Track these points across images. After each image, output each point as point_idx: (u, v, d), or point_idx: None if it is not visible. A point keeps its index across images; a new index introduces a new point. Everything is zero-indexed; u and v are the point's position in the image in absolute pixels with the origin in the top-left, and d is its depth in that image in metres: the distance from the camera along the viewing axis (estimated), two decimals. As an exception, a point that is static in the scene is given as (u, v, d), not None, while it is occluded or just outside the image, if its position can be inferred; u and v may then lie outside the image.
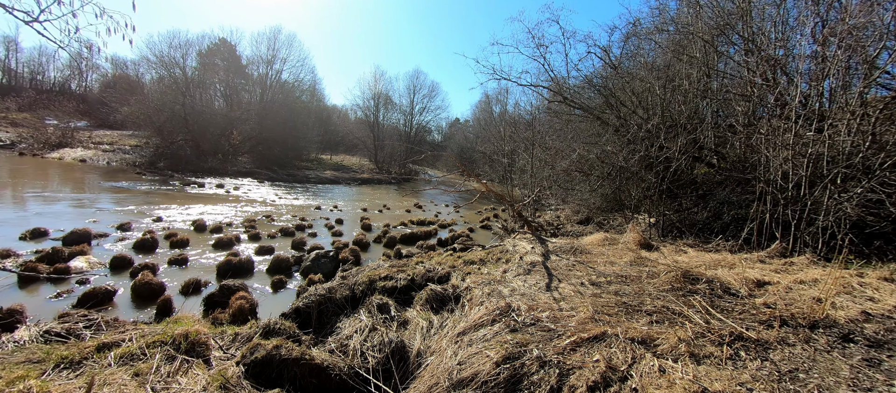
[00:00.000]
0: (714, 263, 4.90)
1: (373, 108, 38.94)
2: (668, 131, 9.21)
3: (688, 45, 10.67)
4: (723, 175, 8.70)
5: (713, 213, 7.71)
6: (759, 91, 7.20)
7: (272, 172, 28.04)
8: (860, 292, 3.68)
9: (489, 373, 2.48)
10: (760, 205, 6.19)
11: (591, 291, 3.81)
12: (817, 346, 2.63)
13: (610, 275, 4.36)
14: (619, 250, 5.85)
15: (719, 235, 6.87)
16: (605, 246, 6.37)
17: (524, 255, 6.03)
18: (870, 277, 4.22)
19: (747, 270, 4.60)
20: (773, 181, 5.92)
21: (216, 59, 36.93)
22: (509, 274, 4.91)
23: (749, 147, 7.42)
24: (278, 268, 6.84)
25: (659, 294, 3.55)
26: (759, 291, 3.75)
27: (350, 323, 4.30)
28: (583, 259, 5.48)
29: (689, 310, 3.14)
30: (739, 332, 2.76)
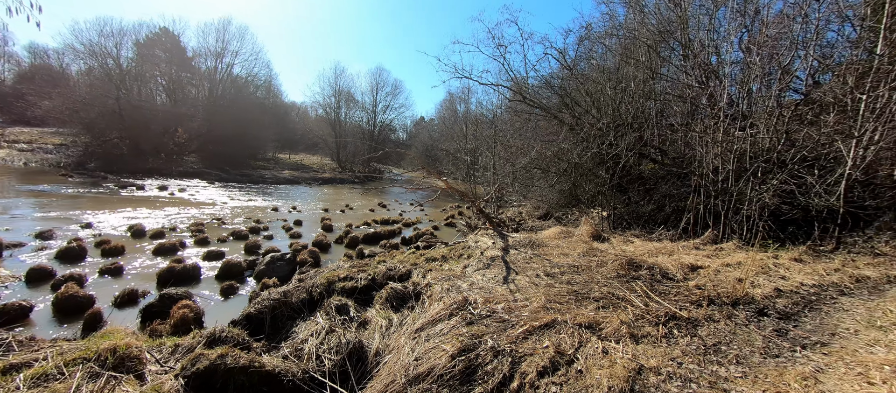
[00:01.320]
0: (656, 250, 5.31)
1: (334, 106, 37.77)
2: (617, 130, 9.80)
3: (634, 50, 11.43)
4: (665, 170, 9.43)
5: (657, 205, 8.33)
6: (694, 93, 7.88)
7: (224, 173, 26.27)
8: (774, 272, 4.15)
9: (445, 366, 2.51)
10: (696, 197, 6.79)
11: (546, 281, 3.97)
12: (737, 320, 2.93)
13: (563, 266, 4.57)
14: (574, 242, 6.15)
15: (662, 226, 7.44)
16: (560, 239, 6.66)
17: (485, 250, 6.15)
18: (783, 258, 4.78)
19: (683, 256, 5.03)
20: (705, 175, 6.51)
21: (157, 50, 33.84)
22: (469, 269, 4.98)
23: (686, 144, 8.11)
24: (229, 273, 6.43)
25: (606, 281, 3.77)
26: (693, 274, 4.12)
27: (306, 326, 4.15)
28: (539, 252, 5.69)
29: (631, 294, 3.37)
30: (674, 312, 3.01)
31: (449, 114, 32.88)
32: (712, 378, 2.20)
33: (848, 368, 2.19)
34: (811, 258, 4.80)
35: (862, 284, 3.82)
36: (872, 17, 7.44)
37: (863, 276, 3.99)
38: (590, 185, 10.59)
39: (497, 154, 14.05)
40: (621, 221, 9.19)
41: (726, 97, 7.22)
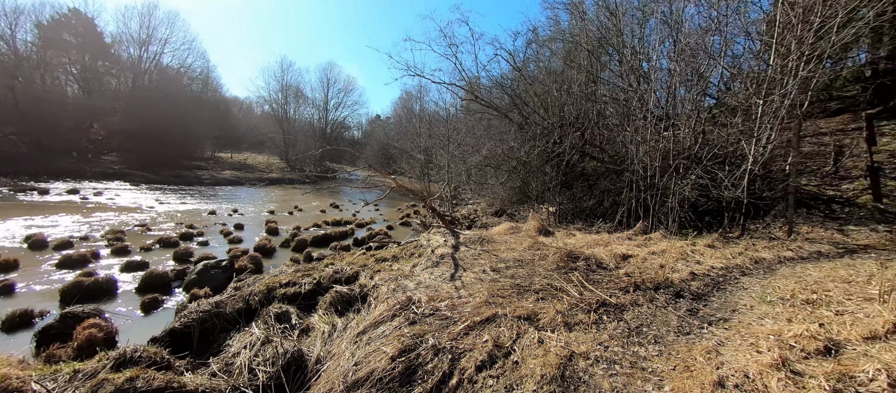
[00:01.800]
0: (594, 242, 5.67)
1: (281, 102, 35.58)
2: (562, 129, 10.34)
3: (576, 55, 12.14)
4: (605, 167, 10.14)
5: (597, 200, 8.93)
6: (627, 96, 8.53)
7: (152, 174, 23.62)
8: (691, 257, 4.63)
9: (385, 369, 2.45)
10: (629, 192, 7.37)
11: (491, 276, 4.06)
12: (658, 303, 3.21)
13: (509, 260, 4.71)
14: (521, 237, 6.37)
15: (601, 219, 7.98)
16: (509, 234, 6.87)
17: (436, 248, 6.15)
18: (699, 245, 5.35)
19: (617, 246, 5.42)
20: (636, 171, 7.09)
21: (65, 34, 29.46)
22: (418, 268, 4.95)
23: (621, 143, 8.77)
24: (152, 285, 5.77)
25: (547, 273, 3.94)
26: (624, 263, 4.45)
27: (241, 338, 3.86)
28: (488, 248, 5.82)
29: (568, 285, 3.56)
30: (604, 299, 3.23)
31: (405, 112, 32.55)
32: (633, 358, 2.38)
33: (743, 340, 2.49)
34: (721, 244, 5.42)
35: (759, 265, 4.39)
36: (767, 32, 8.59)
37: (760, 257, 4.59)
38: (538, 183, 11.07)
39: (450, 153, 14.16)
40: (567, 216, 9.73)
41: (654, 100, 7.92)
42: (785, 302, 3.07)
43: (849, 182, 8.09)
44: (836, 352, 2.19)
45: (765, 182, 7.59)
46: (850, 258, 4.44)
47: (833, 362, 2.05)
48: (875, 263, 4.14)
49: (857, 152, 9.47)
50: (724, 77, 10.01)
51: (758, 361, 2.12)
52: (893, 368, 1.94)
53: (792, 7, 5.87)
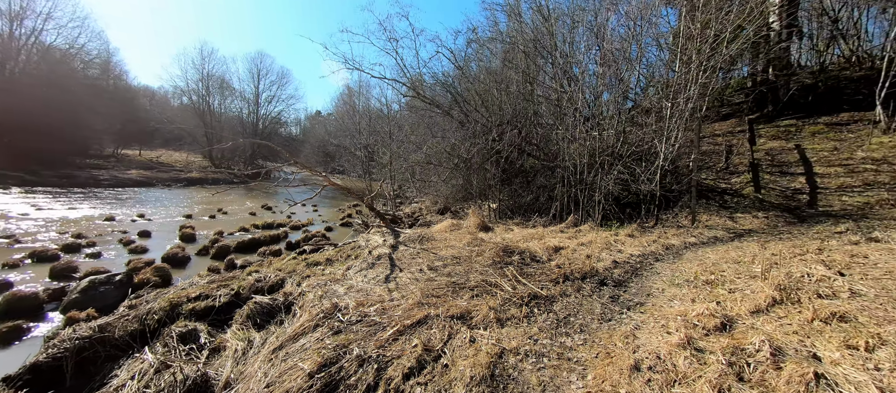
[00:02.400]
0: (530, 236, 5.85)
1: (203, 93, 31.74)
2: (501, 127, 10.62)
3: (514, 56, 12.57)
4: (541, 164, 10.64)
5: (534, 196, 9.32)
6: (558, 97, 9.01)
7: (30, 174, 19.56)
8: (614, 247, 4.97)
9: (301, 388, 2.18)
10: (562, 187, 7.78)
11: (427, 275, 3.93)
12: (584, 292, 3.35)
13: (447, 258, 4.63)
14: (461, 234, 6.35)
15: (537, 214, 8.33)
16: (450, 232, 6.82)
17: (374, 249, 5.87)
18: (621, 235, 5.79)
19: (550, 239, 5.65)
20: (567, 168, 7.50)
21: None
22: (352, 271, 4.65)
23: (554, 141, 9.25)
24: (14, 311, 4.65)
25: (483, 269, 3.92)
26: (556, 255, 4.62)
27: (130, 366, 3.26)
28: (428, 246, 5.70)
29: (502, 280, 3.56)
30: (536, 292, 3.27)
31: (347, 109, 31.11)
32: (560, 349, 2.41)
33: (655, 322, 2.67)
34: (639, 233, 5.93)
35: (669, 251, 4.85)
36: (674, 43, 9.69)
37: (670, 244, 5.09)
38: (480, 180, 11.25)
39: (392, 151, 13.83)
40: (507, 212, 10.01)
41: (582, 101, 8.47)
42: (690, 284, 3.38)
43: (737, 176, 9.46)
44: (730, 327, 2.43)
45: (673, 177, 8.54)
46: (739, 242, 5.12)
47: (727, 337, 2.26)
48: (757, 244, 4.83)
49: (742, 151, 11.13)
50: (641, 82, 11.10)
51: (667, 342, 2.26)
52: (774, 337, 2.19)
53: (693, 20, 6.62)
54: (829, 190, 7.66)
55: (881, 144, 9.15)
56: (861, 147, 9.38)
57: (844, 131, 10.64)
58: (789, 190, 8.09)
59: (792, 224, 6.35)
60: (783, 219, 6.65)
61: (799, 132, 11.54)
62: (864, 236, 4.40)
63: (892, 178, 7.45)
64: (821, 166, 8.92)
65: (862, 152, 9.08)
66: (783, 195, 7.87)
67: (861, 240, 4.33)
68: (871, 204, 6.58)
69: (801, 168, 9.05)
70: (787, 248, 4.45)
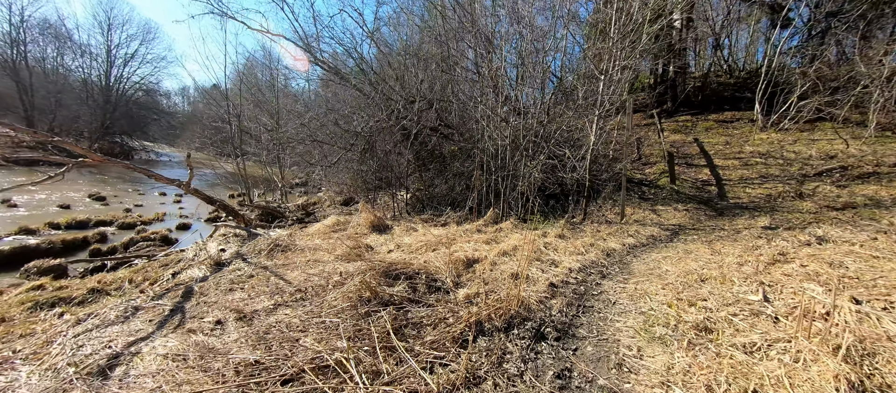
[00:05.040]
0: (436, 241, 4.22)
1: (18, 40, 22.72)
2: (418, 105, 8.84)
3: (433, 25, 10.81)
4: (459, 148, 9.20)
5: (450, 185, 7.82)
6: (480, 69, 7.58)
7: None
8: (546, 256, 3.62)
9: None
10: (480, 173, 6.36)
11: (217, 342, 1.96)
12: (512, 364, 1.78)
13: (289, 290, 2.70)
14: (341, 239, 4.44)
15: (450, 207, 6.82)
16: (328, 235, 4.85)
17: (191, 266, 3.61)
18: (550, 235, 4.54)
19: (463, 244, 4.11)
20: (487, 150, 6.09)
21: None
22: (91, 321, 2.41)
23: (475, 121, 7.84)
24: None
25: (333, 322, 2.11)
26: (467, 274, 3.04)
27: None
28: (281, 260, 3.66)
29: (360, 350, 1.80)
30: (414, 389, 1.58)
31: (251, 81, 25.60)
32: None
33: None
34: (570, 233, 4.78)
35: (612, 259, 3.68)
36: (588, 37, 9.08)
37: (610, 249, 3.95)
38: (396, 165, 9.37)
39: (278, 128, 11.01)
40: (421, 203, 8.36)
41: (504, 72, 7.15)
42: (673, 332, 2.08)
43: (650, 167, 9.31)
44: None
45: (596, 166, 7.85)
46: (682, 243, 4.22)
47: None
48: (704, 245, 3.99)
49: (651, 143, 11.30)
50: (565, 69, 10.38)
51: None
52: None
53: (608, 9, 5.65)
54: (733, 181, 7.71)
55: (762, 140, 9.84)
56: (747, 142, 10.01)
57: (730, 128, 11.46)
58: (699, 181, 8.02)
59: (713, 217, 5.95)
60: (703, 211, 6.27)
61: (694, 127, 12.21)
62: (812, 236, 3.82)
63: (781, 171, 7.77)
64: (719, 159, 9.18)
65: (749, 147, 9.64)
66: (695, 187, 7.72)
67: (812, 240, 3.71)
68: (774, 196, 6.60)
69: (704, 160, 9.23)
70: (739, 252, 3.60)
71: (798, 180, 7.07)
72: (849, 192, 6.19)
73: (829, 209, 5.58)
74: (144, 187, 15.50)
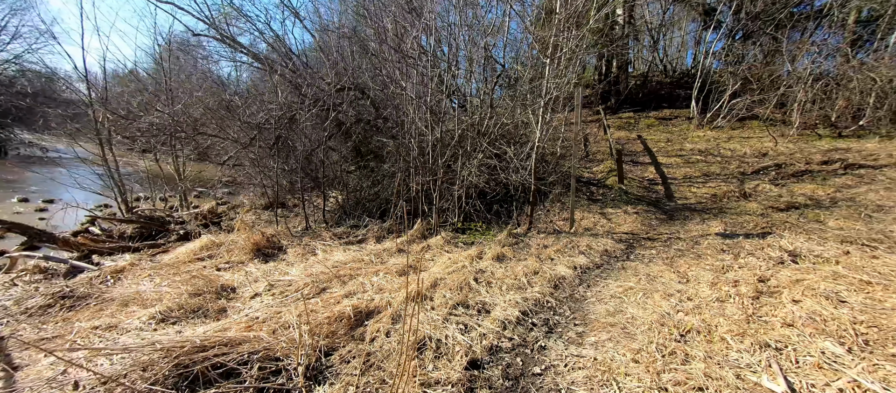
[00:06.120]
0: (331, 274, 3.04)
1: None
2: (350, 94, 7.46)
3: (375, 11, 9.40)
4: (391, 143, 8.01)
5: (377, 190, 6.62)
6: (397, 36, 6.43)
7: None
8: (476, 293, 2.61)
9: None
10: (408, 176, 5.26)
11: None
12: None
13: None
14: (197, 275, 3.07)
15: (379, 216, 5.65)
16: (188, 263, 3.45)
17: None
18: (487, 257, 3.57)
19: (369, 277, 2.99)
20: (422, 148, 5.00)
21: None
22: None
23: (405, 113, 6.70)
24: None
25: None
26: (346, 347, 1.92)
27: None
28: (51, 329, 2.26)
29: None
30: None
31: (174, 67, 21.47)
32: None
33: None
34: (512, 249, 3.87)
35: (561, 292, 2.79)
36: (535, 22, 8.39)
37: (559, 276, 3.06)
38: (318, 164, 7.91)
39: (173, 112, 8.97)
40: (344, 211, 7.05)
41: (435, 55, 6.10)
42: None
43: (597, 165, 8.89)
44: None
45: (543, 165, 7.15)
46: (643, 264, 3.47)
47: None
48: (665, 266, 3.28)
49: (597, 140, 11.03)
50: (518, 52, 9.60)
51: None
52: None
53: None
54: (678, 180, 7.45)
55: (700, 138, 9.91)
56: (686, 139, 10.04)
57: (670, 125, 11.57)
58: (646, 180, 7.67)
59: (664, 222, 5.45)
60: (653, 215, 5.78)
61: (637, 124, 12.21)
62: (782, 251, 3.27)
63: (721, 169, 7.66)
64: (662, 157, 9.01)
65: (689, 144, 9.64)
66: (643, 186, 7.34)
67: (784, 257, 3.14)
68: (719, 196, 6.34)
69: (648, 158, 9.00)
70: (709, 277, 2.90)
71: (739, 179, 6.92)
72: (788, 191, 6.06)
73: (774, 210, 5.31)
74: (30, 185, 12.17)
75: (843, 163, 6.66)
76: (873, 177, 5.88)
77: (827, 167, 6.66)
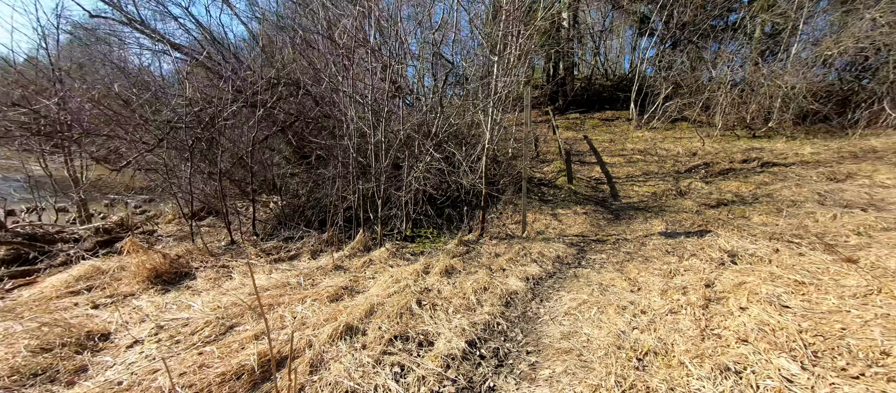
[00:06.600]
0: (245, 304, 2.52)
1: None
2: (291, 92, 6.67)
3: None
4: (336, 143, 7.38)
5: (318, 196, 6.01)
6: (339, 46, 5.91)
7: None
8: (417, 323, 2.27)
9: None
10: (347, 182, 4.77)
11: None
12: None
13: None
14: (48, 319, 2.37)
15: (310, 227, 5.07)
16: (58, 298, 2.69)
17: None
18: (434, 271, 3.25)
19: (293, 307, 2.51)
20: (364, 150, 4.52)
21: None
22: None
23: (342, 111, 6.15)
24: None
25: None
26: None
27: None
28: None
29: None
30: None
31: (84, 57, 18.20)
32: None
33: None
34: (461, 261, 3.58)
35: (514, 312, 2.55)
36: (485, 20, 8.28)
37: (511, 292, 2.82)
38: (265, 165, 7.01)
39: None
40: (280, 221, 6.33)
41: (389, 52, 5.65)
42: None
43: (547, 165, 9.00)
44: None
45: (495, 166, 7.01)
46: (595, 271, 3.36)
47: None
48: (616, 273, 3.19)
49: (547, 140, 11.24)
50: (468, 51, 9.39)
51: None
52: None
53: None
54: (621, 179, 7.74)
55: (639, 138, 10.48)
56: (627, 140, 10.57)
57: (613, 126, 12.16)
58: (592, 180, 7.87)
59: (611, 222, 5.54)
60: (601, 215, 5.87)
61: (583, 125, 12.68)
62: (722, 252, 3.35)
63: (658, 168, 8.10)
64: (606, 156, 9.37)
65: (630, 144, 10.14)
66: (590, 186, 7.51)
67: (724, 258, 3.20)
68: (658, 194, 6.64)
69: (594, 158, 9.31)
70: (660, 285, 2.84)
71: (674, 177, 7.33)
72: (716, 188, 6.50)
73: (707, 207, 5.63)
74: None
75: (759, 161, 7.33)
76: (785, 174, 6.50)
77: (747, 165, 7.28)
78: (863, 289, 2.27)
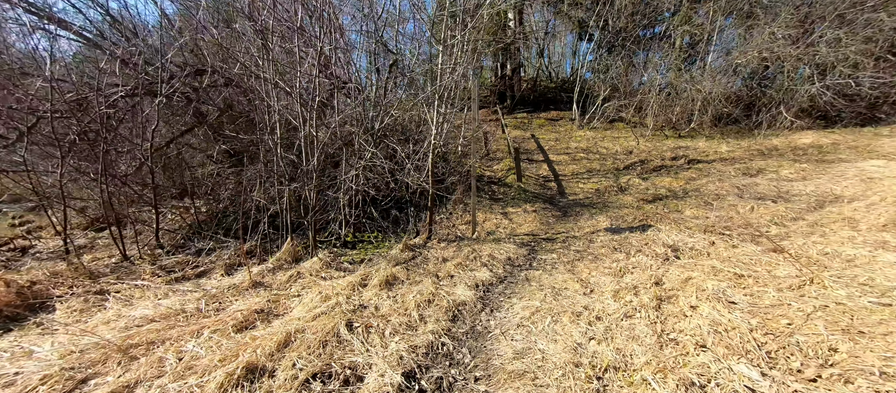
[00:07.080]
0: (123, 339, 1.91)
1: None
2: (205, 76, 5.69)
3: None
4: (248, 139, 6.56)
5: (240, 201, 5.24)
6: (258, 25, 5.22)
7: None
8: (345, 353, 1.86)
9: None
10: (270, 184, 4.15)
11: None
12: None
13: None
14: None
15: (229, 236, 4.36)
16: None
17: None
18: (372, 283, 2.84)
19: (183, 343, 1.95)
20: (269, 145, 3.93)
21: None
22: None
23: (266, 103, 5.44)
24: None
25: None
26: None
27: None
28: None
29: None
30: None
31: None
32: None
33: None
34: (405, 269, 3.21)
35: (461, 329, 2.24)
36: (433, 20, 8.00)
37: (459, 303, 2.52)
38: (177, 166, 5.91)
39: None
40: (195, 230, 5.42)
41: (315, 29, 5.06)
42: None
43: (497, 163, 8.95)
44: None
45: (444, 164, 6.74)
46: (546, 273, 3.19)
47: None
48: (568, 274, 3.05)
49: (496, 139, 11.26)
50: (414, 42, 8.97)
51: None
52: None
53: None
54: (567, 177, 7.91)
55: (581, 137, 10.91)
56: (571, 139, 10.94)
57: (557, 126, 12.56)
58: (540, 178, 7.95)
59: (559, 219, 5.54)
60: (549, 212, 5.86)
61: (530, 124, 12.96)
62: (665, 247, 3.37)
63: (600, 165, 8.43)
64: (553, 155, 9.57)
65: (574, 143, 10.50)
66: (538, 183, 7.56)
67: (668, 253, 3.21)
68: (602, 190, 6.85)
69: (541, 156, 9.47)
70: (611, 286, 2.73)
71: (615, 174, 7.64)
72: (652, 184, 6.86)
73: (645, 202, 5.87)
74: None
75: (686, 159, 7.92)
76: (708, 170, 7.07)
77: (676, 162, 7.83)
78: (796, 280, 2.31)
